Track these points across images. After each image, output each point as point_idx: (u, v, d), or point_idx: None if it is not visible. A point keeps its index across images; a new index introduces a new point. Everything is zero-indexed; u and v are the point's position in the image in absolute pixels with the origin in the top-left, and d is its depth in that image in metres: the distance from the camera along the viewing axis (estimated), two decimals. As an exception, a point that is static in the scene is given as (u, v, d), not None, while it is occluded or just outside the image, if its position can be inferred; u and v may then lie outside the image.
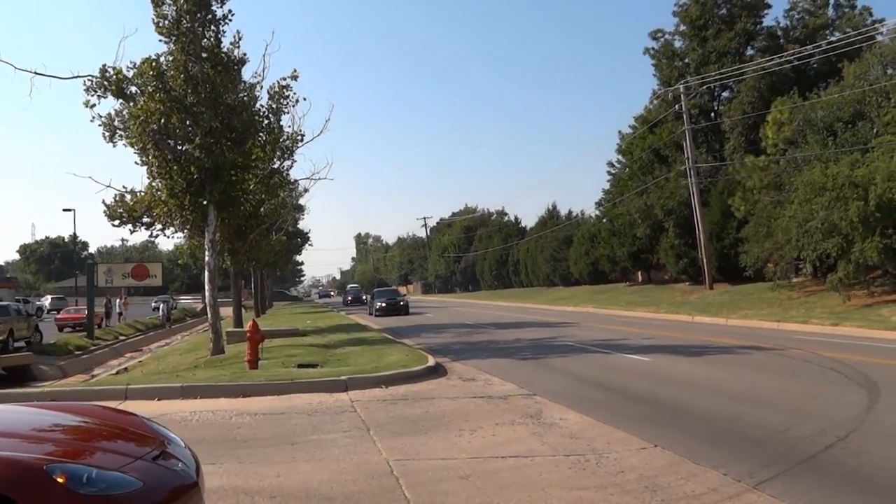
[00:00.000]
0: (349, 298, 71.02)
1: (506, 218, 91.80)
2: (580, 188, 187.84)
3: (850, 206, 23.40)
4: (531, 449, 7.63)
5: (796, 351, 16.05)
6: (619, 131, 52.65)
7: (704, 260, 37.35)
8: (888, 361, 13.77)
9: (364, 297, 68.51)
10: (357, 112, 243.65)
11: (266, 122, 19.64)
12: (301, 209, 47.95)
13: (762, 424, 8.59)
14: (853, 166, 25.22)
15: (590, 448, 7.57)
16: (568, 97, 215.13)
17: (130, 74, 17.52)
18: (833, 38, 37.74)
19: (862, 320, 21.09)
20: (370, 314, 41.79)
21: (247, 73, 19.50)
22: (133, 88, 17.67)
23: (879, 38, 33.51)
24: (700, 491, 5.99)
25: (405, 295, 45.53)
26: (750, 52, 42.39)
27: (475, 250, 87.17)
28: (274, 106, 19.54)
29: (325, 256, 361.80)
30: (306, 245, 64.86)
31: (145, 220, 20.92)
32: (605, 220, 53.69)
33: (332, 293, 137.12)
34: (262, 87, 19.41)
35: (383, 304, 40.94)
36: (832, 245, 24.28)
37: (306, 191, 45.07)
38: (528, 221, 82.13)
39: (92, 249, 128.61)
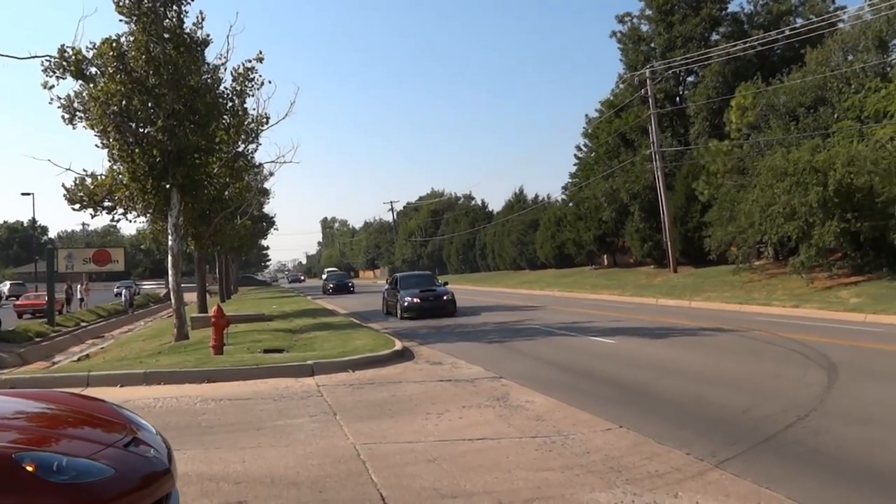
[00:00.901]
0: (331, 286, 55.28)
1: (473, 202, 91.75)
2: (547, 172, 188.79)
3: (810, 192, 23.79)
4: (498, 431, 7.67)
5: (758, 332, 16.31)
6: (586, 115, 52.79)
7: (669, 243, 37.72)
8: (847, 342, 14.05)
9: (350, 284, 57.51)
10: (323, 96, 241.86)
11: (230, 104, 19.38)
12: (266, 193, 47.61)
13: (725, 405, 8.73)
14: (814, 151, 25.61)
15: (555, 430, 7.62)
16: (535, 81, 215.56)
17: (90, 55, 17.16)
18: (796, 25, 38.11)
19: (822, 302, 21.51)
20: (387, 313, 27.57)
21: (210, 55, 19.25)
22: (93, 69, 17.33)
23: (841, 24, 33.94)
24: (664, 470, 6.07)
25: (446, 284, 27.73)
26: (715, 37, 42.63)
27: (442, 234, 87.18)
28: (238, 88, 19.28)
29: (291, 241, 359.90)
30: (272, 229, 64.44)
31: (107, 204, 20.59)
32: (571, 204, 53.91)
33: (302, 277, 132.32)
34: (226, 69, 19.20)
35: (416, 301, 24.92)
36: (793, 229, 24.67)
37: (272, 174, 44.80)
38: (495, 205, 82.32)
39: (52, 234, 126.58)
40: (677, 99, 44.53)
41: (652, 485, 5.70)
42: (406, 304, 24.92)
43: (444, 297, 25.55)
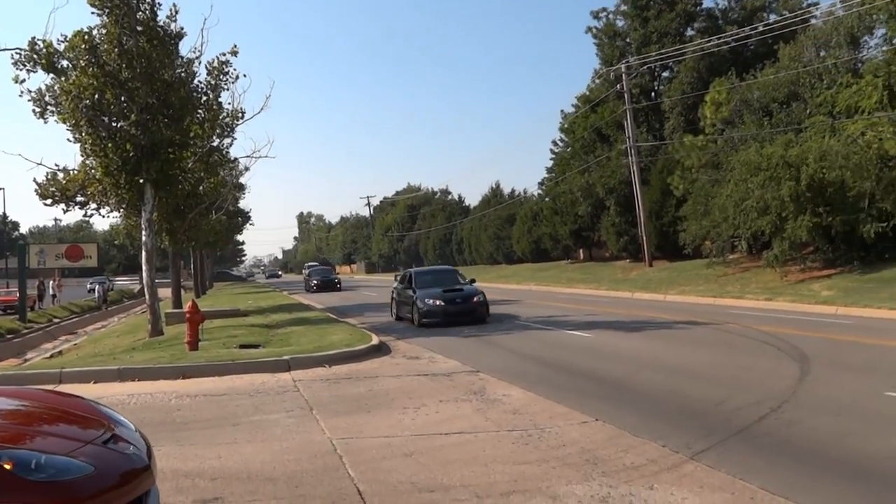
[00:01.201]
0: (315, 282, 48.92)
1: (449, 197, 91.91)
2: (523, 167, 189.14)
3: (783, 186, 24.05)
4: (475, 425, 7.68)
5: (732, 325, 16.47)
6: (562, 110, 53.06)
7: (644, 237, 37.99)
8: (819, 334, 14.23)
9: (337, 280, 51.06)
10: (299, 90, 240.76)
11: (204, 98, 19.19)
12: (242, 188, 47.17)
13: (699, 397, 8.81)
14: (787, 146, 25.89)
15: (532, 423, 7.65)
16: (512, 76, 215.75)
17: (62, 48, 16.92)
18: (769, 21, 38.47)
19: (794, 295, 21.76)
20: (397, 318, 22.12)
21: (184, 48, 19.01)
22: (64, 62, 17.09)
23: (814, 21, 34.32)
24: (640, 462, 6.11)
25: (473, 282, 21.80)
26: (690, 32, 42.98)
27: (419, 229, 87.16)
28: (213, 82, 19.10)
29: (266, 236, 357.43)
30: (247, 224, 63.91)
31: (79, 199, 20.36)
32: (547, 199, 54.14)
33: (279, 273, 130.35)
34: (200, 63, 18.98)
35: (439, 304, 19.39)
36: (766, 223, 24.95)
37: (247, 169, 44.31)
38: (472, 200, 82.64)
39: (23, 230, 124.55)
40: (652, 94, 44.80)
41: (628, 477, 5.74)
42: (425, 307, 19.44)
43: (475, 299, 19.83)
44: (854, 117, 26.19)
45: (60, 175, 19.83)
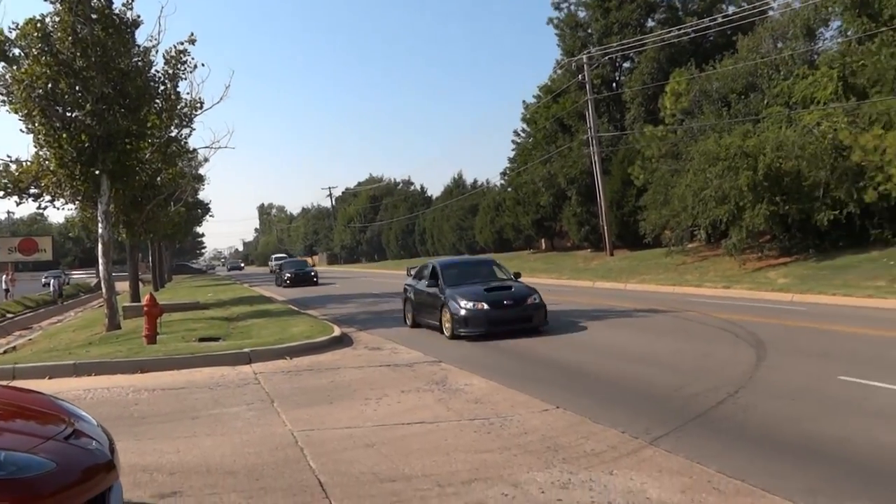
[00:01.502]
0: (288, 276, 42.88)
1: (412, 187, 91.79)
2: (486, 158, 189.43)
3: (741, 176, 24.41)
4: (437, 415, 7.70)
5: (691, 313, 16.70)
6: (524, 101, 53.14)
7: (605, 227, 38.30)
8: (774, 321, 14.49)
9: (313, 274, 44.49)
10: (259, 80, 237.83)
11: (162, 88, 18.87)
12: (201, 179, 46.57)
13: (659, 384, 8.93)
14: (745, 136, 26.28)
15: (494, 412, 7.69)
16: (474, 66, 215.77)
17: (13, 36, 16.52)
18: (729, 12, 38.94)
19: (751, 283, 22.13)
20: (414, 325, 16.82)
21: (141, 37, 18.66)
22: (16, 51, 16.69)
23: (771, 12, 34.82)
24: (600, 449, 6.18)
25: (518, 277, 17.11)
26: (650, 23, 43.33)
27: (381, 220, 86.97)
28: (170, 71, 18.77)
29: (227, 228, 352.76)
30: (207, 216, 63.24)
31: (33, 191, 19.92)
32: (509, 189, 54.30)
33: (242, 265, 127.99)
34: (157, 52, 18.62)
35: (482, 308, 14.15)
36: (724, 212, 25.30)
37: (206, 160, 43.89)
38: (434, 191, 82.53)
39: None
40: (614, 84, 45.10)
41: (588, 463, 5.79)
42: (464, 312, 14.19)
43: (528, 301, 14.69)
44: (810, 108, 26.63)
45: (13, 166, 19.36)
